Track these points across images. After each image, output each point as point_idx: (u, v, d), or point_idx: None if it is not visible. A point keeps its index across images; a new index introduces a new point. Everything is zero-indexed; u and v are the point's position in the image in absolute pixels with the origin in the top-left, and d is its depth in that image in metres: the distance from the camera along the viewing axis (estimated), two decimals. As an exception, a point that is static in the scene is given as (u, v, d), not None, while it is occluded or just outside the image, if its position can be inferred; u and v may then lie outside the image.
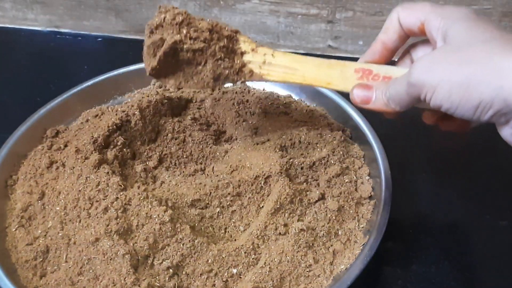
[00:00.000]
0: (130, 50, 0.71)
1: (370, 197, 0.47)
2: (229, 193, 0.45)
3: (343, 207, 0.46)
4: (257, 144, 0.51)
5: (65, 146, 0.52)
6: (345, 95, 0.56)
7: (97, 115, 0.55)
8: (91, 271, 0.40)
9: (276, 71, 0.43)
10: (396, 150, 0.51)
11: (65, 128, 0.55)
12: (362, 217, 0.46)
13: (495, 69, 0.31)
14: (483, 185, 0.54)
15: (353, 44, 0.72)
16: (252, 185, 0.46)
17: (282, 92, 0.60)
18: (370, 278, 0.45)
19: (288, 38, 0.74)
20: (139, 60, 0.63)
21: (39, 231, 0.44)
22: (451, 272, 0.46)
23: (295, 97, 0.60)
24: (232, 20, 0.73)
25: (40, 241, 0.44)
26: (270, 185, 0.46)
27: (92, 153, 0.47)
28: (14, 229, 0.45)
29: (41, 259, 0.43)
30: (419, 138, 0.59)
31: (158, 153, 0.51)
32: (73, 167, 0.47)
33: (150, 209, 0.42)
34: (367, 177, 0.49)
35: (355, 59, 0.43)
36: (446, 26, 0.36)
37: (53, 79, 0.69)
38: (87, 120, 0.55)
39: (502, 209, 0.51)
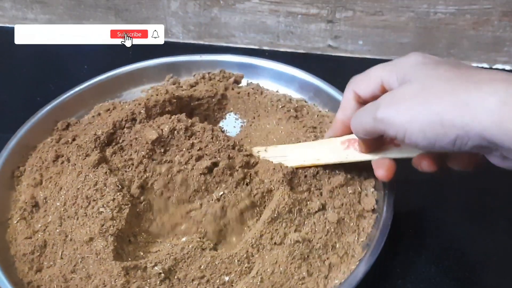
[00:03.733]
0: (130, 50, 0.71)
1: (373, 210, 0.46)
2: None
3: (343, 219, 0.44)
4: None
5: (73, 140, 0.52)
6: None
7: (108, 109, 0.55)
8: (84, 269, 0.40)
9: (271, 159, 0.47)
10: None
11: (76, 121, 0.55)
12: (363, 230, 0.44)
13: (463, 105, 0.31)
14: (483, 185, 0.54)
15: (353, 44, 0.72)
16: None
17: (295, 95, 0.59)
18: (370, 277, 0.45)
19: (288, 38, 0.74)
20: (139, 59, 0.63)
21: (39, 225, 0.44)
22: (451, 272, 0.46)
23: (309, 101, 0.58)
24: (232, 20, 0.73)
25: (39, 236, 0.44)
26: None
27: (93, 150, 0.47)
28: (15, 222, 0.45)
29: (38, 254, 0.43)
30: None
31: None
32: (75, 164, 0.47)
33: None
34: (372, 189, 0.47)
35: (355, 59, 0.43)
36: (402, 74, 0.36)
37: (53, 79, 0.69)
38: (99, 114, 0.55)
39: (502, 209, 0.51)
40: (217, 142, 0.45)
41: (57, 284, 0.40)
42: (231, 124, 0.57)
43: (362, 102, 0.41)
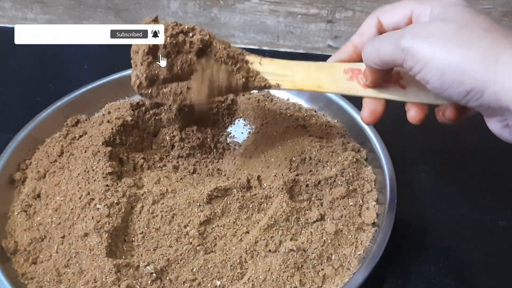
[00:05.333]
0: (130, 50, 0.71)
1: (373, 224, 0.45)
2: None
3: (341, 231, 0.44)
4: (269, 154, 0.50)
5: (80, 136, 0.52)
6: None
7: (118, 108, 0.55)
8: (77, 264, 0.41)
9: (266, 75, 0.43)
10: (398, 149, 0.51)
11: (86, 119, 0.56)
12: (361, 244, 0.44)
13: (493, 60, 0.30)
14: (483, 185, 0.54)
15: (353, 44, 0.72)
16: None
17: (305, 104, 0.59)
18: (370, 277, 0.45)
19: (287, 38, 0.74)
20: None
21: (39, 218, 0.45)
22: (451, 272, 0.46)
23: (319, 111, 0.58)
24: (231, 20, 0.73)
25: (38, 228, 0.44)
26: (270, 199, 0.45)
27: (95, 147, 0.47)
28: (16, 213, 0.46)
29: (35, 246, 0.43)
30: (419, 138, 0.59)
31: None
32: (77, 159, 0.47)
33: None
34: (373, 203, 0.47)
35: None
36: (439, 10, 0.34)
37: (53, 79, 0.69)
38: (109, 113, 0.55)
39: (502, 209, 0.51)
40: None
41: (50, 278, 0.41)
42: (239, 130, 0.56)
43: (383, 32, 0.38)
